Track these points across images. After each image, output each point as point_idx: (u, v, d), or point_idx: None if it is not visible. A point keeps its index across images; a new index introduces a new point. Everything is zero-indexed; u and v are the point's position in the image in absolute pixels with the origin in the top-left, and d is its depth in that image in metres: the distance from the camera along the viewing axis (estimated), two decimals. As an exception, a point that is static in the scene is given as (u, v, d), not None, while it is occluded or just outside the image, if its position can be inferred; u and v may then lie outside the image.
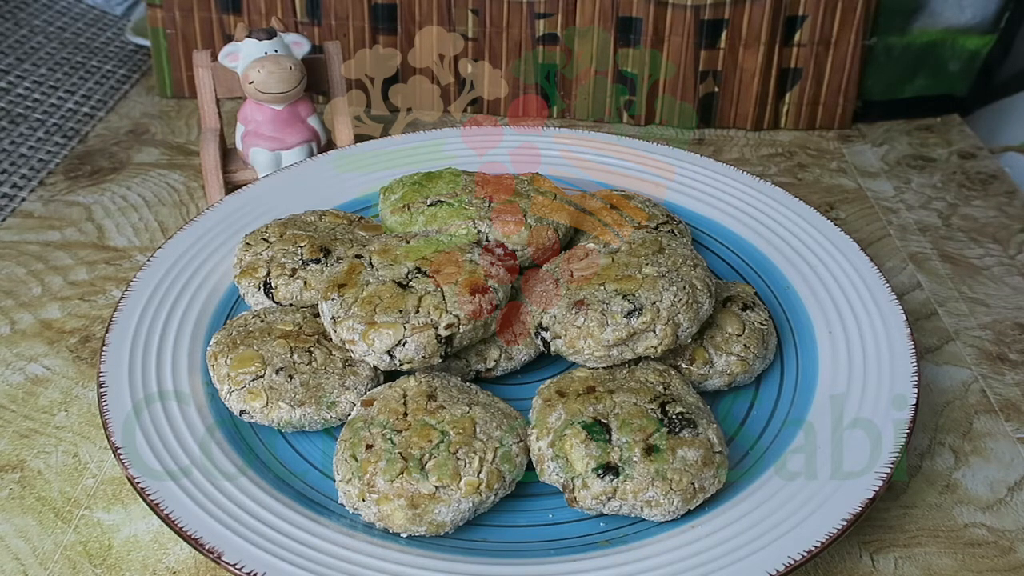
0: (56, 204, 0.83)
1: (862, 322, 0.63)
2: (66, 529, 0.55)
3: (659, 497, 0.50)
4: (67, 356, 0.67)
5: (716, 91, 0.95)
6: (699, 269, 0.59)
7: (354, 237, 0.66)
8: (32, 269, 0.75)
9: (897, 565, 0.54)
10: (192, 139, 0.93)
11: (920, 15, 0.93)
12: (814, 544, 0.49)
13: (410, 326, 0.55)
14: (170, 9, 0.95)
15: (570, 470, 0.51)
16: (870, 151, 0.94)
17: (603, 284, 0.57)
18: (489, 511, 0.53)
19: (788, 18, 0.91)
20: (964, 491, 0.59)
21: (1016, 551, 0.55)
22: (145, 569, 0.53)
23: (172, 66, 0.98)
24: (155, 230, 0.80)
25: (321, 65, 0.83)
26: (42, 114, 0.96)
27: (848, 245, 0.69)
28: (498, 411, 0.55)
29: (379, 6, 0.94)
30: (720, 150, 0.94)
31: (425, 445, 0.51)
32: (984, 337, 0.71)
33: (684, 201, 0.75)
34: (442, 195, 0.67)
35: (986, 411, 0.64)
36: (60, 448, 0.60)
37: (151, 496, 0.51)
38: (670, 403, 0.54)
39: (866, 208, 0.86)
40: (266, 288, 0.63)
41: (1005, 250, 0.80)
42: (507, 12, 0.93)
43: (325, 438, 0.58)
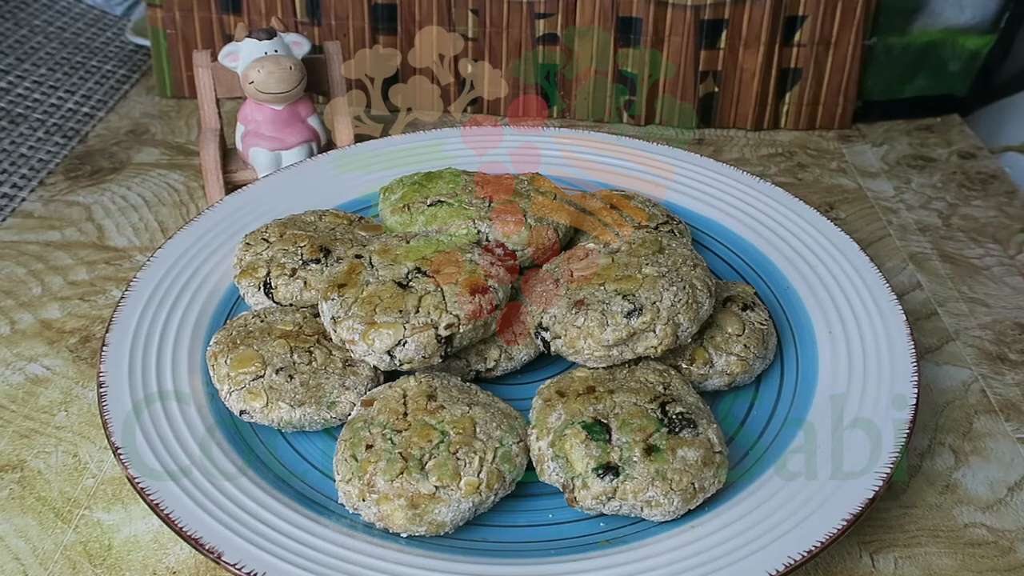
0: (56, 204, 0.83)
1: (862, 322, 0.63)
2: (66, 529, 0.55)
3: (659, 497, 0.50)
4: (67, 356, 0.67)
5: (716, 91, 0.95)
6: (699, 269, 0.59)
7: (354, 237, 0.66)
8: (32, 269, 0.75)
9: (897, 565, 0.54)
10: (192, 139, 0.93)
11: (920, 15, 0.93)
12: (814, 544, 0.49)
13: (410, 326, 0.55)
14: (170, 9, 0.95)
15: (570, 470, 0.51)
16: (870, 151, 0.94)
17: (603, 284, 0.57)
18: (489, 511, 0.53)
19: (788, 18, 0.91)
20: (964, 491, 0.59)
21: (1016, 551, 0.55)
22: (145, 569, 0.53)
23: (172, 66, 0.98)
24: (155, 230, 0.80)
25: (321, 65, 0.83)
26: (42, 114, 0.96)
27: (848, 245, 0.69)
28: (498, 411, 0.55)
29: (379, 6, 0.94)
30: (720, 150, 0.93)
31: (425, 445, 0.51)
32: (984, 337, 0.71)
33: (684, 201, 0.75)
34: (442, 195, 0.67)
35: (986, 411, 0.64)
36: (60, 448, 0.60)
37: (151, 496, 0.51)
38: (670, 403, 0.54)
39: (866, 208, 0.86)
40: (266, 288, 0.63)
41: (1005, 250, 0.80)
42: (507, 12, 0.93)
43: (325, 438, 0.58)
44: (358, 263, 0.59)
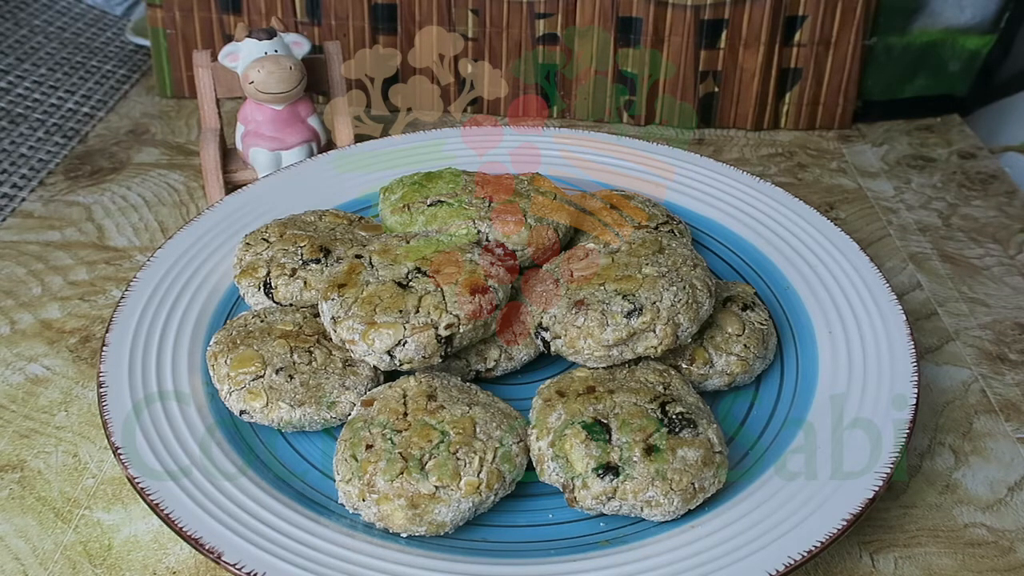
0: (56, 204, 0.83)
1: (862, 322, 0.63)
2: (66, 529, 0.55)
3: (659, 497, 0.50)
4: (67, 356, 0.67)
5: (716, 91, 0.95)
6: (699, 269, 0.59)
7: (354, 237, 0.66)
8: (32, 269, 0.75)
9: (897, 565, 0.54)
10: (192, 139, 0.93)
11: (920, 15, 0.93)
12: (814, 544, 0.49)
13: (410, 326, 0.55)
14: (170, 9, 0.95)
15: (570, 470, 0.51)
16: (870, 151, 0.94)
17: (603, 284, 0.57)
18: (489, 511, 0.53)
19: (788, 18, 0.91)
20: (964, 491, 0.59)
21: (1016, 551, 0.55)
22: (145, 569, 0.53)
23: (172, 66, 0.98)
24: (155, 230, 0.80)
25: (321, 65, 0.83)
26: (42, 114, 0.96)
27: (848, 245, 0.69)
28: (498, 411, 0.55)
29: (379, 6, 0.94)
30: (720, 150, 0.93)
31: (425, 445, 0.51)
32: (984, 337, 0.71)
33: (684, 201, 0.75)
34: (442, 195, 0.67)
35: (986, 411, 0.64)
36: (60, 448, 0.60)
37: (151, 496, 0.51)
38: (670, 403, 0.54)
39: (866, 208, 0.86)
40: (266, 288, 0.63)
41: (1005, 250, 0.80)
42: (507, 12, 0.93)
43: (325, 438, 0.58)
44: (358, 263, 0.59)
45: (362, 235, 0.67)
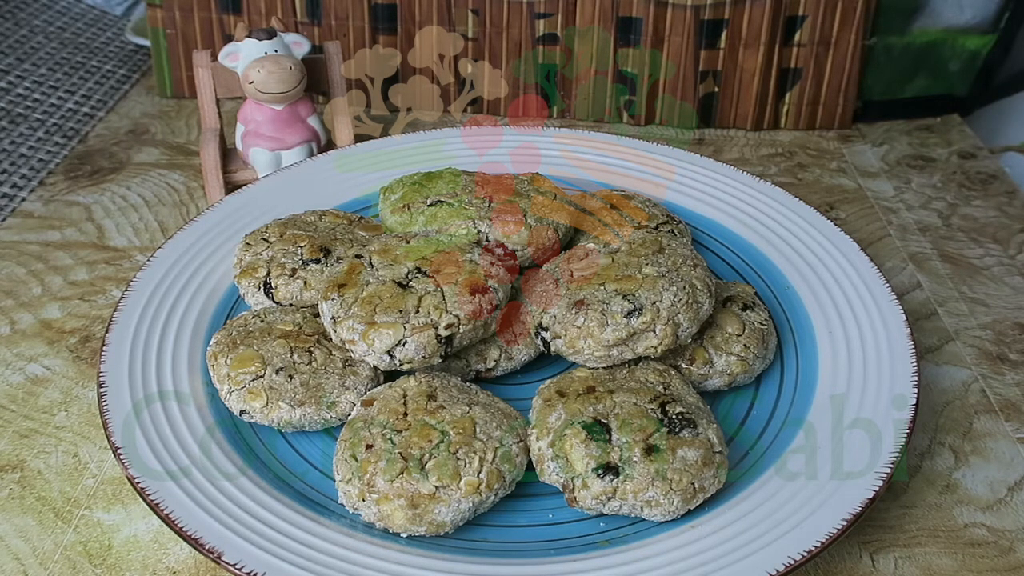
0: (56, 204, 0.83)
1: (862, 322, 0.63)
2: (66, 529, 0.55)
3: (659, 497, 0.50)
4: (67, 356, 0.67)
5: (716, 91, 0.95)
6: (699, 269, 0.59)
7: (354, 237, 0.66)
8: (32, 269, 0.75)
9: (897, 565, 0.54)
10: (192, 139, 0.93)
11: (920, 15, 0.93)
12: (814, 544, 0.49)
13: (410, 326, 0.55)
14: (170, 9, 0.95)
15: (570, 470, 0.51)
16: (870, 151, 0.94)
17: (603, 284, 0.57)
18: (489, 511, 0.53)
19: (788, 18, 0.91)
20: (964, 491, 0.59)
21: (1016, 551, 0.55)
22: (145, 569, 0.53)
23: (172, 66, 0.98)
24: (155, 230, 0.80)
25: (321, 65, 0.83)
26: (42, 114, 0.96)
27: (848, 245, 0.69)
28: (498, 411, 0.55)
29: (379, 6, 0.94)
30: (720, 150, 0.93)
31: (425, 445, 0.51)
32: (984, 337, 0.71)
33: (684, 201, 0.75)
34: (442, 195, 0.67)
35: (986, 411, 0.64)
36: (60, 448, 0.60)
37: (151, 496, 0.51)
38: (670, 403, 0.54)
39: (866, 208, 0.86)
40: (266, 288, 0.63)
41: (1005, 250, 0.80)
42: (507, 12, 0.93)
43: (325, 438, 0.58)
44: (358, 263, 0.59)
45: (362, 235, 0.67)
